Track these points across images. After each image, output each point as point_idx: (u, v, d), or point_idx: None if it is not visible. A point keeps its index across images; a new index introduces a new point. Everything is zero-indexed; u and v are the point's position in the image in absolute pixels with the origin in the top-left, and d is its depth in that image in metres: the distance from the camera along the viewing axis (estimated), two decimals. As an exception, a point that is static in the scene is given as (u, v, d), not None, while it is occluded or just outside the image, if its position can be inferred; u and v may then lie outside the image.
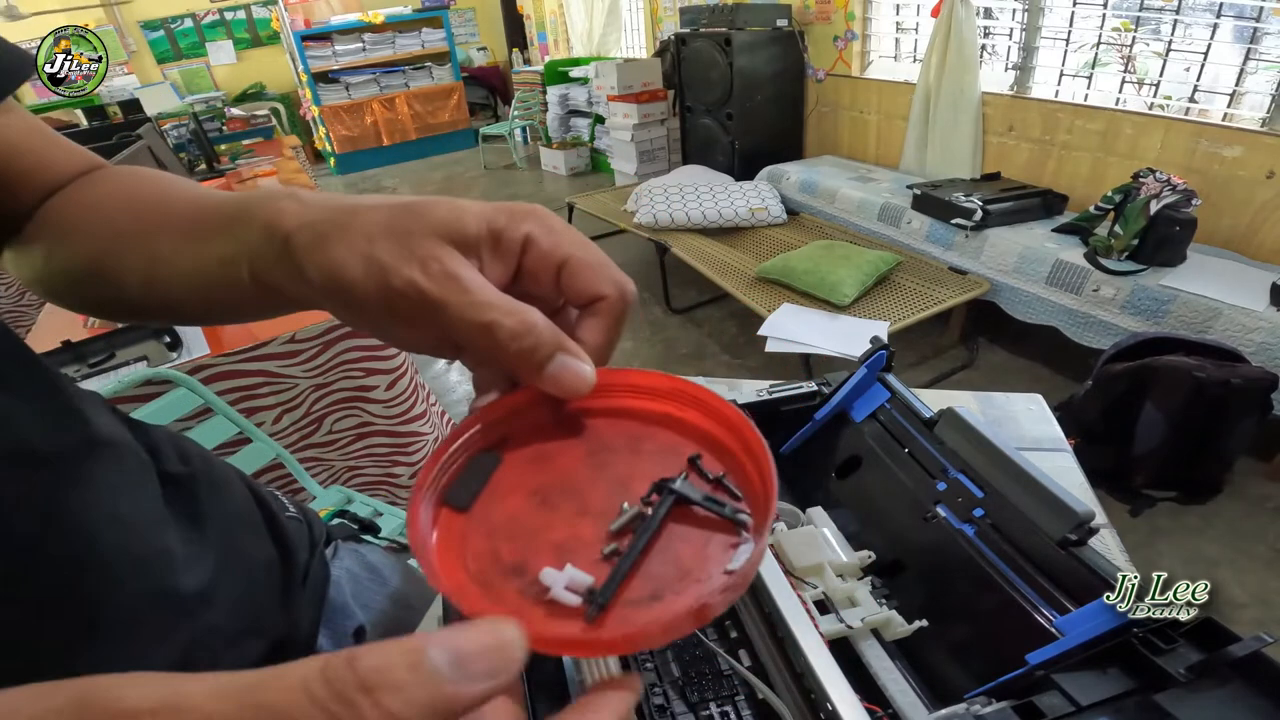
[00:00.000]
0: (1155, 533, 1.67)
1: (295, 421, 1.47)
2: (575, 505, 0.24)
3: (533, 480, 0.25)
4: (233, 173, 3.19)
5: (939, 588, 0.46)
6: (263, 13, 6.38)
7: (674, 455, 0.26)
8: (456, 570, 0.22)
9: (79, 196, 0.36)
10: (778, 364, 2.30)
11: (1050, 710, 0.33)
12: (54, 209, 0.36)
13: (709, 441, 0.26)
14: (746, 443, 0.25)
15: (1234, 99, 2.13)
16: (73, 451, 0.31)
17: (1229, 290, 1.82)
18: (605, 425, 0.27)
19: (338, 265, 0.24)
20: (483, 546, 0.23)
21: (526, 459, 0.26)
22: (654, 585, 0.21)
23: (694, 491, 0.24)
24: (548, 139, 5.42)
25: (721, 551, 0.22)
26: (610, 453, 0.26)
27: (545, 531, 0.23)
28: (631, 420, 0.27)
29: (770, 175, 3.30)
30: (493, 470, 0.25)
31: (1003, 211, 2.35)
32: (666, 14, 4.61)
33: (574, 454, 0.26)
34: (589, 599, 0.20)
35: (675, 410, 0.27)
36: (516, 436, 0.27)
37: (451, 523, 0.24)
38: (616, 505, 0.24)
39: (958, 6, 2.60)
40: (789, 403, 0.60)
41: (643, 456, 0.26)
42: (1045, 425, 0.78)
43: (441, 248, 0.24)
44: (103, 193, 0.36)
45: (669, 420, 0.27)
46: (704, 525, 0.23)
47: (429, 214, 0.25)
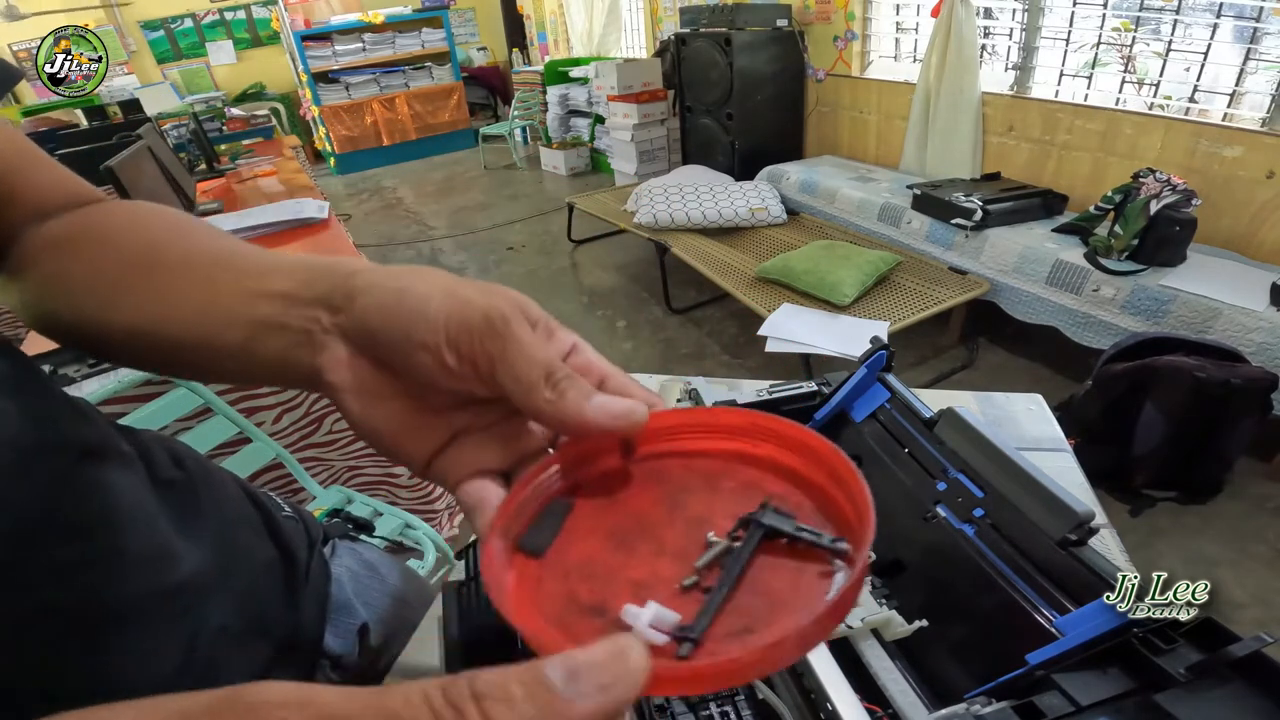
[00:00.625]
0: (1155, 533, 1.67)
1: (295, 421, 1.47)
2: (652, 545, 0.24)
3: (607, 523, 0.25)
4: (232, 173, 3.20)
5: (939, 588, 0.46)
6: (263, 13, 6.38)
7: (753, 490, 0.25)
8: (533, 614, 0.22)
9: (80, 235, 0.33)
10: (778, 364, 2.30)
11: (1050, 710, 0.33)
12: (51, 246, 0.33)
13: (788, 473, 0.26)
14: (833, 469, 0.24)
15: (1234, 99, 2.13)
16: (68, 453, 0.31)
17: (1229, 290, 1.82)
18: (678, 466, 0.27)
19: (410, 290, 0.25)
20: (559, 589, 0.22)
21: (599, 504, 0.26)
22: (745, 619, 0.21)
23: (784, 523, 0.23)
24: (548, 139, 5.42)
25: (813, 582, 0.22)
26: (685, 493, 0.26)
27: (623, 571, 0.23)
28: (704, 460, 0.27)
29: (770, 175, 3.30)
30: (566, 515, 0.25)
31: (1003, 211, 2.35)
32: (666, 14, 4.61)
33: (648, 496, 0.26)
34: (678, 635, 0.20)
35: (749, 446, 0.27)
36: (588, 483, 0.26)
37: (526, 568, 0.23)
38: (695, 544, 0.23)
39: (958, 6, 2.60)
40: (789, 403, 0.60)
41: (720, 494, 0.26)
42: (1045, 425, 0.78)
43: (516, 309, 0.25)
44: (112, 229, 0.33)
45: (743, 456, 0.27)
46: (791, 556, 0.23)
47: (502, 288, 0.26)
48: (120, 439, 0.36)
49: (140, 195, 1.73)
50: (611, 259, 3.61)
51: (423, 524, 1.29)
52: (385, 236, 4.39)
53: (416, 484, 1.67)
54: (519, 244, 4.00)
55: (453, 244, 4.12)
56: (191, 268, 0.30)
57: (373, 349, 0.26)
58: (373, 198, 5.37)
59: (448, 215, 4.67)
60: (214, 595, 0.36)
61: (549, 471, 0.26)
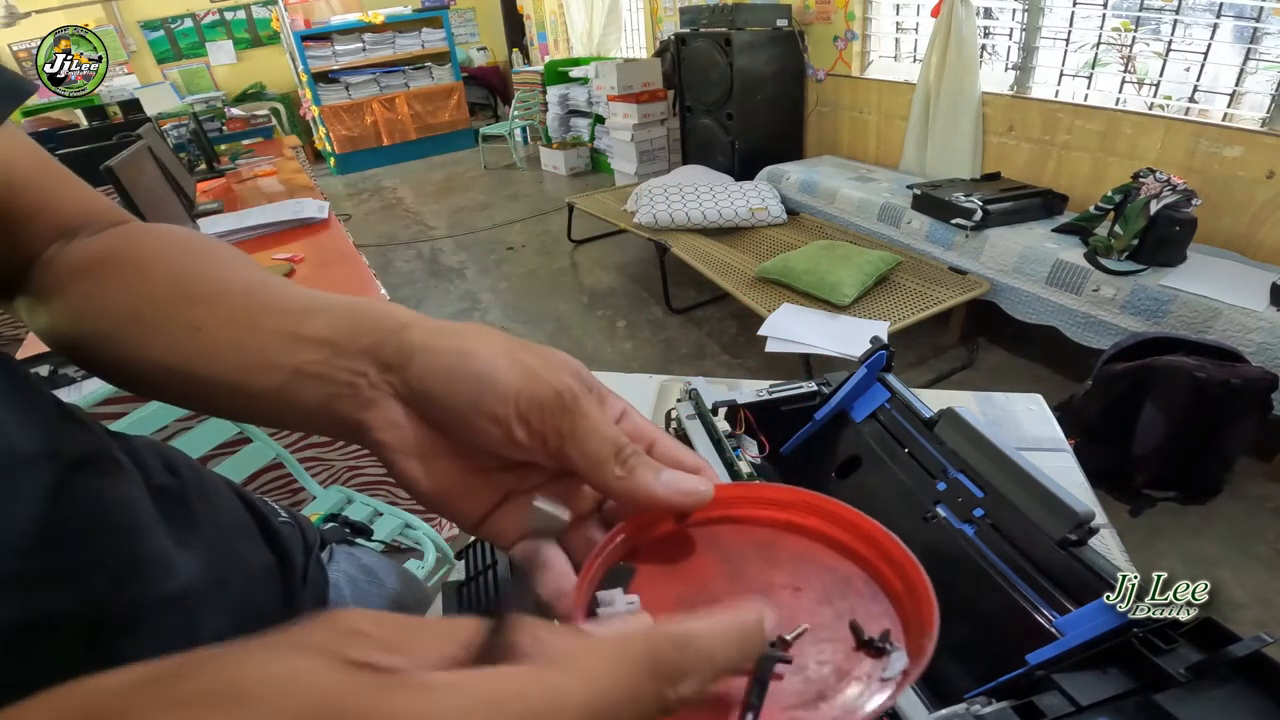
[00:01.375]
0: (1155, 533, 1.67)
1: (295, 421, 1.47)
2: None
3: (674, 591, 0.25)
4: (232, 173, 3.20)
5: (939, 588, 0.46)
6: (263, 13, 6.38)
7: (805, 560, 0.27)
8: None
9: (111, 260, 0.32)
10: (778, 364, 2.30)
11: (1050, 710, 0.33)
12: (80, 271, 0.32)
13: (836, 544, 0.27)
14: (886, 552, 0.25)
15: (1234, 99, 2.13)
16: (65, 461, 0.30)
17: (1229, 290, 1.82)
18: (731, 533, 0.28)
19: (473, 355, 0.25)
20: None
21: (661, 570, 0.26)
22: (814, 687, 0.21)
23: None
24: (548, 139, 5.42)
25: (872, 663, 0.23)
26: (743, 560, 0.27)
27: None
28: (755, 527, 0.28)
29: (770, 175, 3.30)
30: (629, 580, 0.26)
31: (1003, 211, 2.35)
32: (666, 14, 4.61)
33: (707, 563, 0.27)
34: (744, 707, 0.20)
35: (797, 517, 0.28)
36: (646, 549, 0.27)
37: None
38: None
39: (958, 6, 2.60)
40: (789, 403, 0.60)
41: (777, 565, 0.26)
42: (1045, 425, 0.78)
43: (583, 385, 0.26)
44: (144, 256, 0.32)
45: (791, 526, 0.28)
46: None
47: (557, 353, 0.26)
48: (114, 446, 0.35)
49: (140, 195, 1.73)
50: (611, 259, 3.61)
51: (423, 524, 1.29)
52: (385, 236, 4.39)
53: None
54: (519, 244, 4.00)
55: (453, 244, 4.12)
56: (226, 302, 0.29)
57: (429, 411, 0.26)
58: (373, 198, 5.37)
59: (448, 215, 4.67)
60: (210, 603, 0.36)
61: (616, 543, 0.26)
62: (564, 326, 2.90)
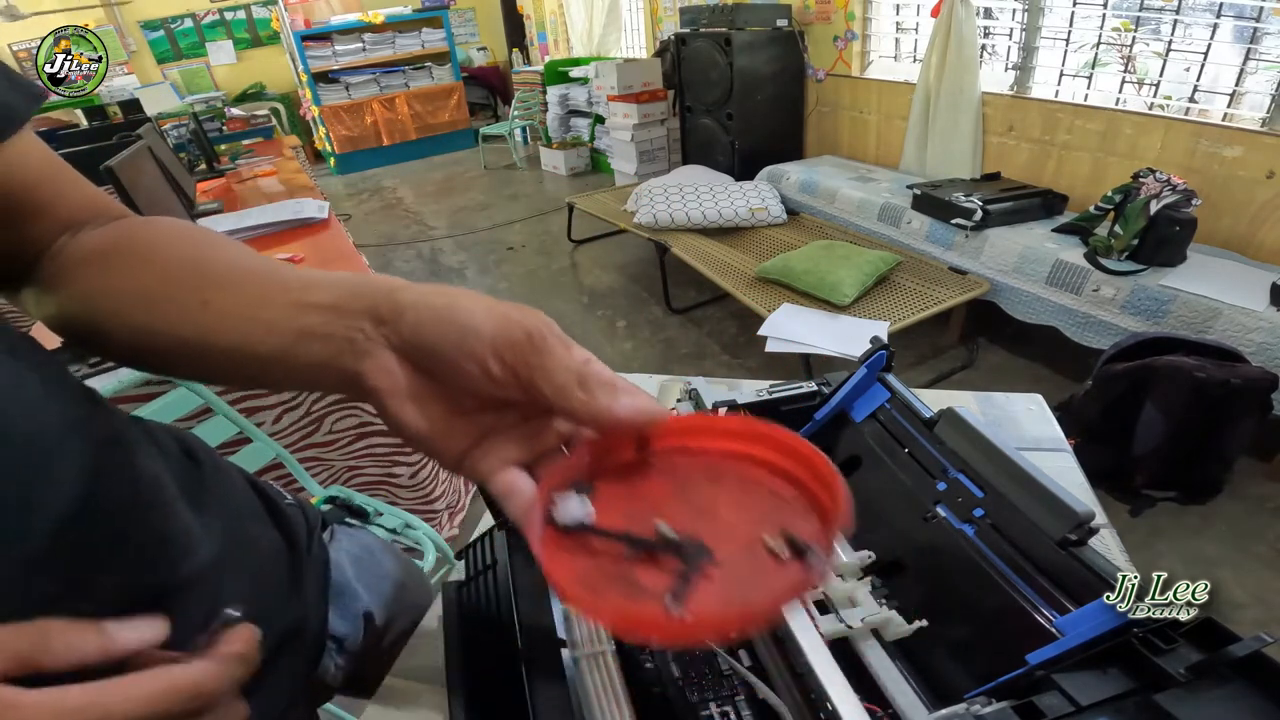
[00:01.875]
0: (1155, 533, 1.67)
1: (295, 421, 1.47)
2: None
3: (624, 505, 0.29)
4: (232, 173, 3.20)
5: (939, 588, 0.46)
6: (263, 13, 6.38)
7: (750, 485, 0.30)
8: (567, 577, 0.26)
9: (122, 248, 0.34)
10: (778, 364, 2.30)
11: (1050, 710, 0.33)
12: (90, 260, 0.34)
13: (779, 471, 0.30)
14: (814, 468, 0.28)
15: (1234, 99, 2.13)
16: (97, 438, 0.32)
17: (1229, 290, 1.82)
18: (684, 462, 0.31)
19: (458, 306, 0.28)
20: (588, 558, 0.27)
21: (617, 489, 0.30)
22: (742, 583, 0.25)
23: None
24: (548, 139, 5.42)
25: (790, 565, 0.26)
26: (693, 484, 0.30)
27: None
28: (708, 456, 0.31)
29: (770, 175, 3.30)
30: (589, 494, 0.29)
31: (1003, 211, 2.35)
32: (666, 14, 4.61)
33: (659, 485, 0.30)
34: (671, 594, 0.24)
35: (745, 447, 0.31)
36: (607, 472, 0.30)
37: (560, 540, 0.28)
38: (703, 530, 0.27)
39: (958, 6, 2.60)
40: (789, 403, 0.60)
41: (722, 488, 0.30)
42: (1045, 425, 0.78)
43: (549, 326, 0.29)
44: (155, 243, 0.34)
45: (740, 455, 0.31)
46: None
47: (529, 309, 0.29)
48: (135, 427, 0.38)
49: (140, 195, 1.73)
50: (611, 259, 3.61)
51: (423, 524, 1.29)
52: (385, 236, 4.39)
53: (416, 484, 1.67)
54: (519, 244, 3.99)
55: (453, 244, 4.12)
56: (237, 280, 0.31)
57: (419, 358, 0.28)
58: (373, 198, 5.37)
59: (448, 215, 4.67)
60: (227, 581, 0.38)
61: (575, 462, 0.30)
62: (564, 326, 2.75)
